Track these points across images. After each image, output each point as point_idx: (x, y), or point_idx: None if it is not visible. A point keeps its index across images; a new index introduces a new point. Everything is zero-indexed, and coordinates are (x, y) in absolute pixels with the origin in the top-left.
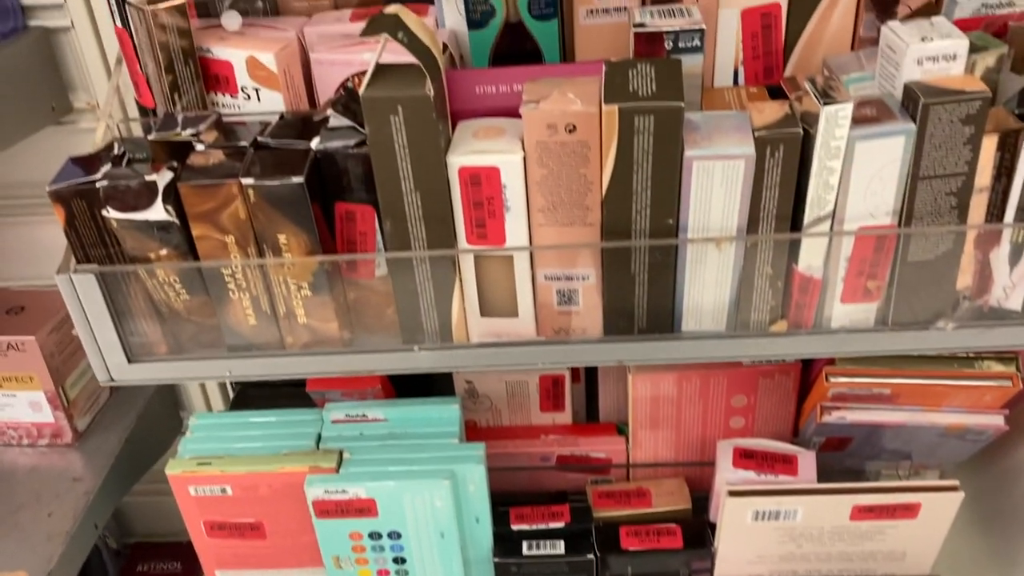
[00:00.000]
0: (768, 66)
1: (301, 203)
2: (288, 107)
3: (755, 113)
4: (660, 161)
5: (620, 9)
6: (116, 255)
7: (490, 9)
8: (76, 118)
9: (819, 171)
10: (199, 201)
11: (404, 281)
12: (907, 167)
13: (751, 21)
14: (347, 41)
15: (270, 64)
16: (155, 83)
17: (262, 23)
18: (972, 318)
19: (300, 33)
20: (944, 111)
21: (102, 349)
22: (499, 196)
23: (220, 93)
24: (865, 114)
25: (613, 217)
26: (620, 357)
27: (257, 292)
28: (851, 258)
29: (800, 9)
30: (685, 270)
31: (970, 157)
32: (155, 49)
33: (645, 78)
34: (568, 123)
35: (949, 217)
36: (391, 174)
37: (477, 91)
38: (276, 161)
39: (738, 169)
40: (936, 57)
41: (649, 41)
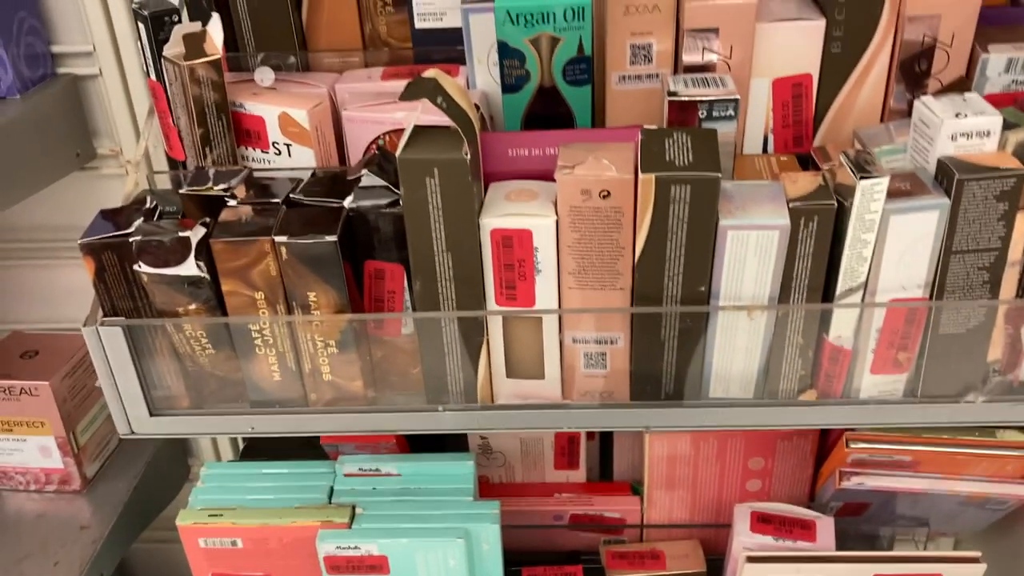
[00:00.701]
0: (798, 135)
1: (333, 262)
2: (319, 163)
3: (788, 183)
4: (695, 230)
5: (652, 76)
6: (143, 308)
7: (525, 74)
8: (99, 164)
9: (853, 243)
10: (231, 257)
11: (431, 341)
12: (940, 241)
13: (782, 90)
14: (378, 100)
15: (303, 121)
16: (187, 136)
17: (294, 78)
18: (1002, 392)
19: (331, 90)
20: (979, 187)
21: (124, 402)
22: (530, 258)
23: (251, 147)
24: (899, 188)
25: (645, 283)
26: (647, 423)
27: (284, 348)
28: (882, 329)
29: (831, 80)
30: (715, 337)
31: (1003, 233)
32: (189, 103)
33: (682, 147)
34: (603, 189)
35: (981, 291)
36: (424, 235)
37: (510, 153)
38: (308, 219)
39: (772, 240)
40: (970, 133)
41: (683, 109)
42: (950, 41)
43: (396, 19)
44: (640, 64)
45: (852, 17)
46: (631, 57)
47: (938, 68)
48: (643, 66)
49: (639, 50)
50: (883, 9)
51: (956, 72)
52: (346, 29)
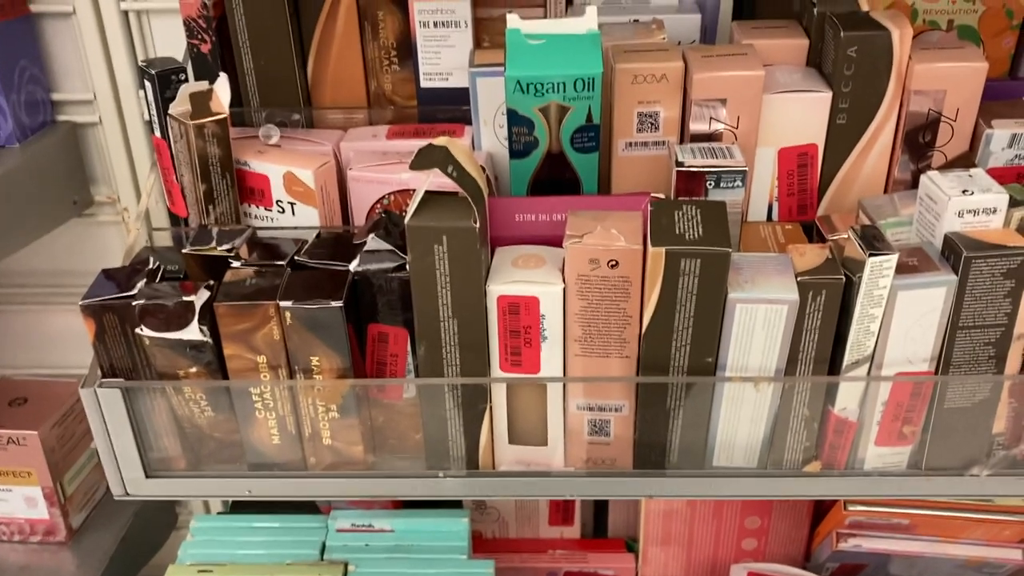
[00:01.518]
0: (802, 203)
1: (338, 327)
2: (323, 222)
3: (796, 256)
4: (704, 302)
5: (659, 143)
6: (142, 368)
7: (534, 141)
8: (96, 211)
9: (860, 318)
10: (234, 321)
11: (434, 406)
12: (947, 316)
13: (788, 160)
14: (383, 160)
15: (308, 180)
16: (190, 193)
17: (298, 135)
18: (1006, 466)
19: (336, 148)
20: (986, 265)
21: (120, 463)
22: (536, 325)
23: (254, 205)
24: (907, 263)
25: (652, 352)
26: (650, 492)
27: (284, 412)
28: (888, 402)
29: (836, 150)
30: (721, 407)
31: (1010, 309)
32: (193, 161)
33: (692, 220)
34: (611, 259)
35: (987, 366)
36: (430, 300)
37: (517, 219)
38: (313, 283)
39: (781, 313)
40: (977, 210)
41: (691, 179)
42: (954, 116)
43: (401, 77)
44: (647, 131)
45: (858, 90)
46: (638, 124)
47: (942, 141)
48: (650, 133)
49: (646, 118)
50: (889, 83)
51: (960, 145)
52: (351, 86)
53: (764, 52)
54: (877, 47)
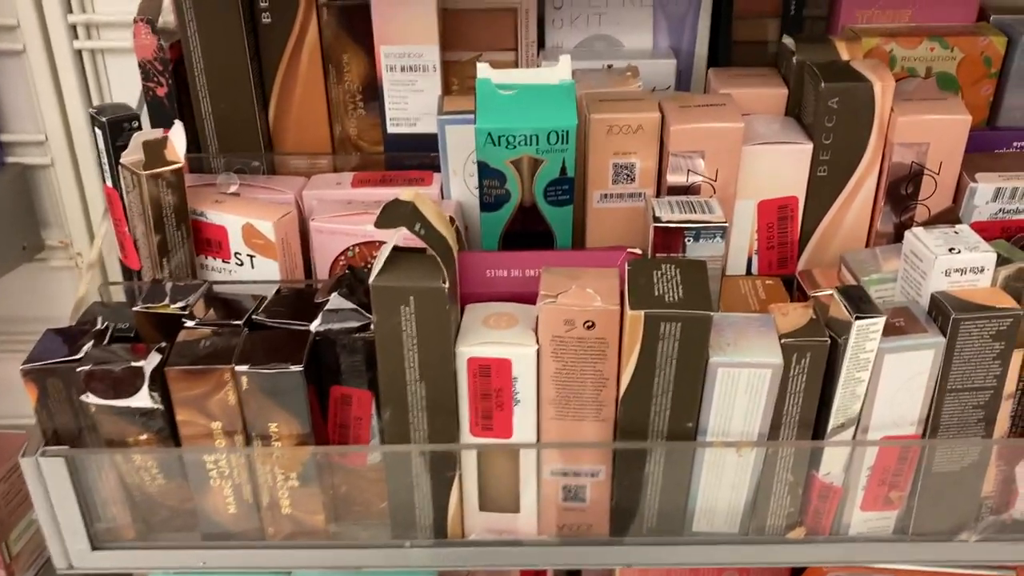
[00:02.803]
0: (783, 256)
1: (297, 392)
2: (283, 275)
3: (779, 316)
4: (684, 366)
5: (635, 195)
6: (89, 434)
7: (505, 194)
8: (47, 255)
9: (846, 381)
10: (187, 386)
11: (400, 472)
12: (935, 379)
13: (768, 212)
14: (347, 209)
15: (268, 233)
16: (143, 246)
17: (259, 183)
18: (995, 531)
19: (298, 196)
20: (975, 327)
21: (64, 535)
22: (509, 388)
23: (212, 257)
24: (893, 324)
25: (630, 417)
26: (629, 560)
27: (240, 480)
28: (874, 467)
29: (817, 203)
30: (701, 472)
31: (999, 371)
32: (146, 212)
33: (671, 281)
34: (587, 320)
35: (975, 429)
36: (396, 363)
37: (488, 274)
38: (272, 345)
39: (764, 377)
40: (964, 269)
41: (668, 235)
42: (937, 169)
43: (367, 122)
44: (623, 183)
45: (839, 142)
46: (613, 176)
47: (926, 194)
48: (626, 185)
49: (622, 169)
50: (871, 135)
51: (943, 198)
52: (315, 130)
53: (742, 101)
54: (858, 99)
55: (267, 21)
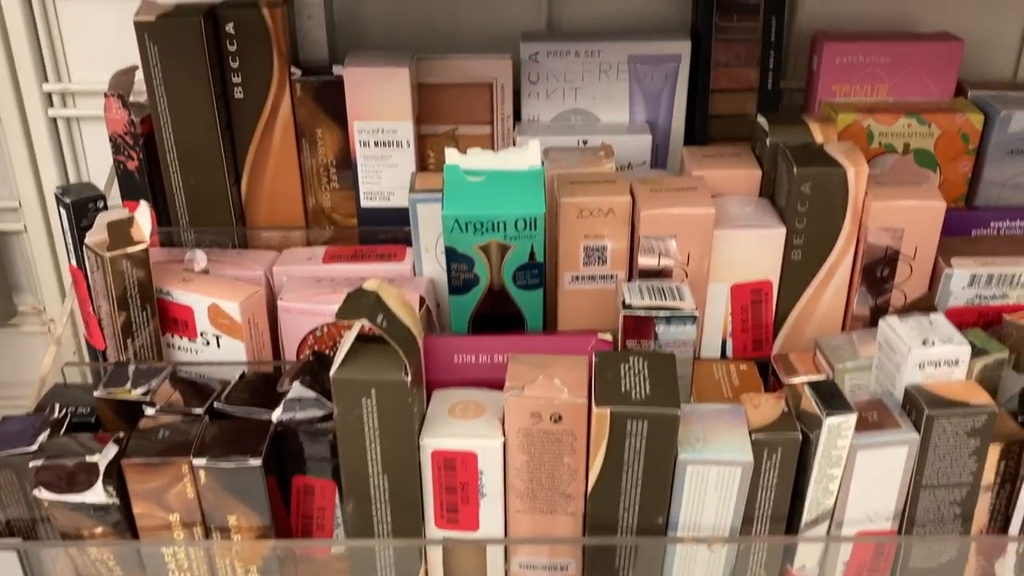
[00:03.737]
0: (757, 339)
1: (256, 486)
2: (250, 355)
3: (751, 408)
4: (652, 463)
5: (606, 277)
6: (43, 525)
7: (474, 278)
8: (20, 321)
9: (819, 477)
10: (144, 479)
11: (364, 566)
12: (910, 475)
13: (741, 295)
14: (317, 288)
15: (234, 314)
16: (107, 326)
17: (228, 259)
18: None
19: (268, 272)
20: (949, 424)
21: None
22: (475, 482)
23: (178, 335)
24: (866, 418)
25: (598, 511)
26: None
27: (200, 573)
28: (849, 562)
29: (792, 286)
30: (672, 566)
31: (975, 468)
32: (110, 294)
33: (638, 375)
34: (554, 412)
35: (952, 525)
36: (358, 455)
37: (456, 360)
38: (232, 435)
39: (735, 474)
40: (938, 362)
41: (638, 322)
42: (913, 254)
43: (341, 194)
44: (594, 265)
45: (813, 226)
46: (584, 258)
47: (901, 278)
48: (597, 267)
49: (593, 251)
50: (844, 219)
51: (920, 283)
52: (288, 203)
53: (716, 182)
54: (832, 184)
55: (239, 96)
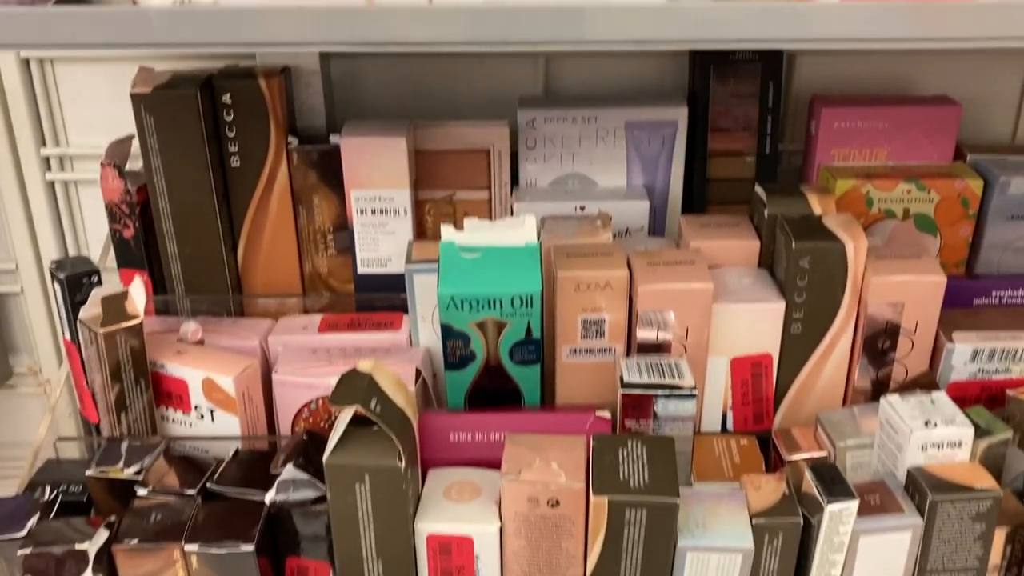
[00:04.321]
0: (758, 412)
1: (249, 571)
2: (244, 429)
3: (751, 490)
4: (651, 550)
5: (604, 350)
6: None
7: (470, 354)
8: (16, 382)
9: (821, 563)
10: (135, 564)
11: None
12: (914, 559)
13: (741, 369)
14: (312, 359)
15: (228, 388)
16: (101, 400)
17: (224, 329)
18: None
19: (264, 341)
20: (953, 509)
21: None
22: (471, 566)
23: (172, 408)
24: (869, 502)
25: None
26: None
27: None
28: None
29: (792, 359)
30: None
31: (981, 553)
32: (103, 369)
33: (637, 460)
34: (551, 497)
35: None
36: (352, 539)
37: (452, 438)
38: (224, 518)
39: (735, 561)
40: (941, 444)
41: (636, 400)
42: (914, 328)
43: (338, 261)
44: (592, 338)
45: (812, 300)
46: (582, 331)
47: (902, 352)
48: (595, 340)
49: (591, 324)
50: (844, 294)
51: (921, 356)
52: (284, 269)
53: (714, 253)
54: (831, 259)
55: (236, 165)
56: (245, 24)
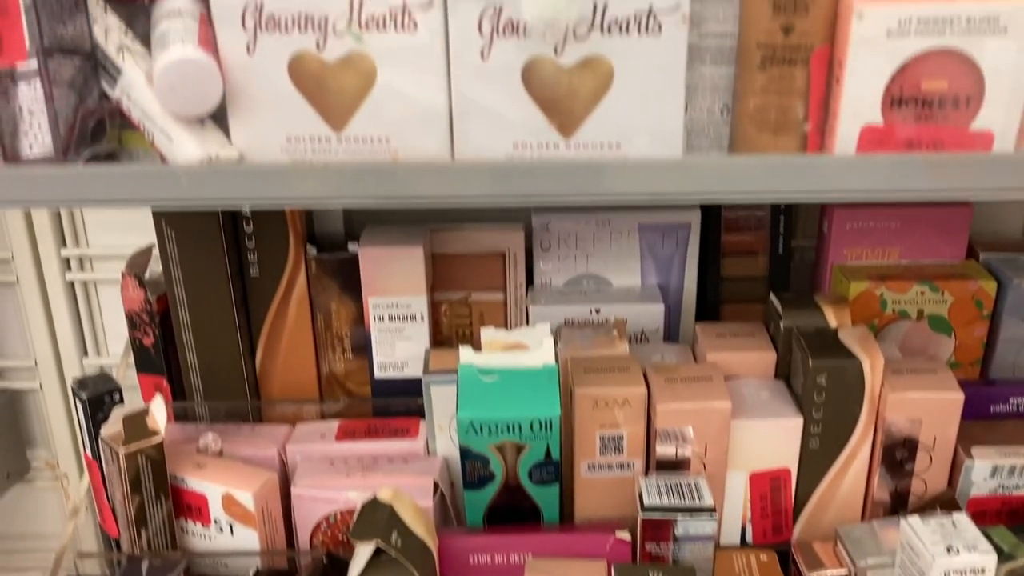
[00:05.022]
0: (777, 524)
1: None
2: (263, 543)
3: None
4: None
5: (623, 465)
6: None
7: (489, 475)
8: (33, 476)
9: None
10: None
11: None
12: None
13: (760, 483)
14: (329, 472)
15: (247, 503)
16: (121, 516)
17: (242, 436)
18: None
19: (282, 450)
20: None
21: None
22: None
23: (192, 521)
24: None
25: None
26: None
27: None
28: None
29: (810, 473)
30: None
31: None
32: (124, 486)
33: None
34: None
35: None
36: None
37: (471, 560)
38: None
39: None
40: (964, 571)
41: (657, 524)
42: (932, 443)
43: (355, 364)
44: (610, 454)
45: (830, 414)
46: (601, 447)
47: (921, 467)
48: (613, 456)
49: (609, 440)
50: (862, 409)
51: (940, 472)
52: (302, 373)
53: (731, 364)
54: (848, 376)
55: (255, 274)
56: (272, 182)
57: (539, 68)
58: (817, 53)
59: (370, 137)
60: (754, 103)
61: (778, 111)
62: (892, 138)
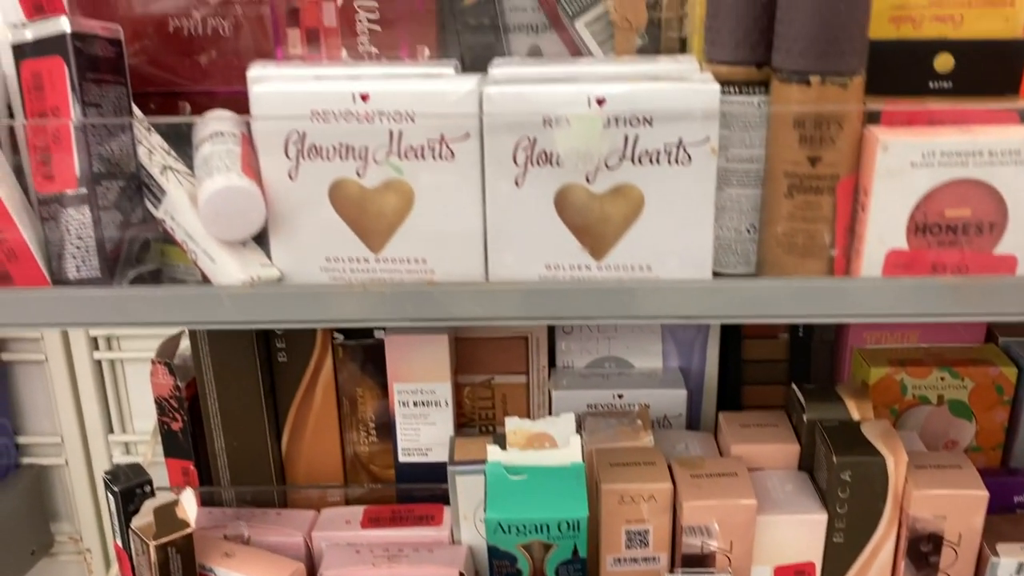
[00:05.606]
0: None
1: None
2: None
3: None
4: None
5: (649, 559)
6: None
7: (516, 572)
8: (57, 550)
9: None
10: None
11: None
12: None
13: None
14: (356, 562)
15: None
16: None
17: (269, 522)
18: None
19: (308, 536)
20: None
21: None
22: None
23: None
24: None
25: None
26: None
27: None
28: None
29: (835, 566)
30: None
31: None
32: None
33: None
34: None
35: None
36: None
37: None
38: None
39: None
40: None
41: None
42: (957, 539)
43: (380, 447)
44: (636, 548)
45: (854, 510)
46: (626, 542)
47: (947, 562)
48: (639, 550)
49: (635, 535)
50: (885, 505)
51: (966, 567)
52: (327, 457)
53: (755, 456)
54: (872, 472)
55: (283, 360)
56: (312, 305)
57: (571, 195)
58: (843, 183)
59: (407, 258)
60: (782, 228)
61: (805, 236)
62: (917, 262)
